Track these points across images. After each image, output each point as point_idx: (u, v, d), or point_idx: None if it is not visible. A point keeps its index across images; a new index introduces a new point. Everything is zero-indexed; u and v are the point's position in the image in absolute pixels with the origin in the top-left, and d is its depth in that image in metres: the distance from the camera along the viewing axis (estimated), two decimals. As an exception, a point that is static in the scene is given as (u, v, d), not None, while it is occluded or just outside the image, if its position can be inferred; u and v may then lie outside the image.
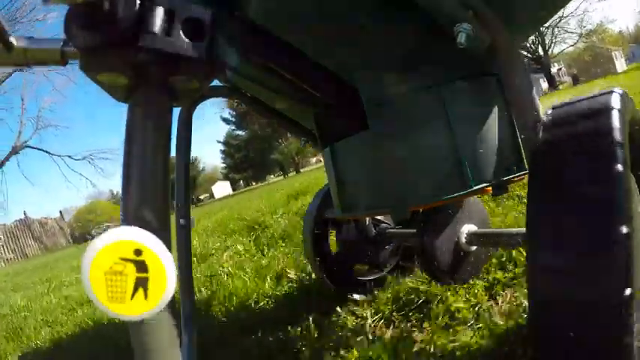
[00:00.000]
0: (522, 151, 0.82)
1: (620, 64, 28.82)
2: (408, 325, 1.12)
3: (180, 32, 0.42)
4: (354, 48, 0.77)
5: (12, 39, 0.48)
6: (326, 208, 1.47)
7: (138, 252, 0.33)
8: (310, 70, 0.78)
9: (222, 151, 41.45)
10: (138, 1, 0.41)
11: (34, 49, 0.50)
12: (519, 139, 0.81)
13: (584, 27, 30.35)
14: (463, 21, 0.61)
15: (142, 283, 0.33)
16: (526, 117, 0.67)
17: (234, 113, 34.83)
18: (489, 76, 0.80)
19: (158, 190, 0.43)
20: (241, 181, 44.28)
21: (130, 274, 0.33)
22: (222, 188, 46.91)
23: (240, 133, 38.09)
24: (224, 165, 43.05)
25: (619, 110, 0.55)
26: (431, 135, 0.78)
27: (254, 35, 0.68)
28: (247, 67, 0.89)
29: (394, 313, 1.20)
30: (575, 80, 27.82)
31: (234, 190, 44.21)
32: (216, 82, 1.08)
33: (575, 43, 31.39)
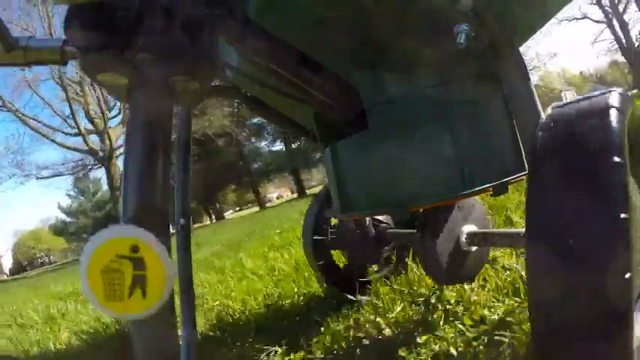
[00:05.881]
0: (522, 151, 0.82)
1: (574, 106, 27.41)
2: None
3: (180, 32, 0.42)
4: (354, 48, 0.77)
5: (12, 39, 0.48)
6: (325, 210, 1.47)
7: (135, 249, 0.33)
8: (310, 70, 0.78)
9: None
10: (137, 1, 0.41)
11: (34, 48, 0.50)
12: (519, 140, 0.81)
13: (529, 64, 24.56)
14: (463, 21, 0.61)
15: (139, 281, 0.33)
16: (526, 117, 0.67)
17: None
18: (489, 76, 0.80)
19: (158, 190, 0.43)
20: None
21: (127, 271, 0.33)
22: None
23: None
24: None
25: (618, 109, 0.55)
26: (431, 135, 0.78)
27: (254, 35, 0.68)
28: (247, 67, 0.89)
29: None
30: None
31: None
32: (216, 82, 1.08)
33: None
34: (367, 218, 1.36)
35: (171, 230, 0.51)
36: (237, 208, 34.39)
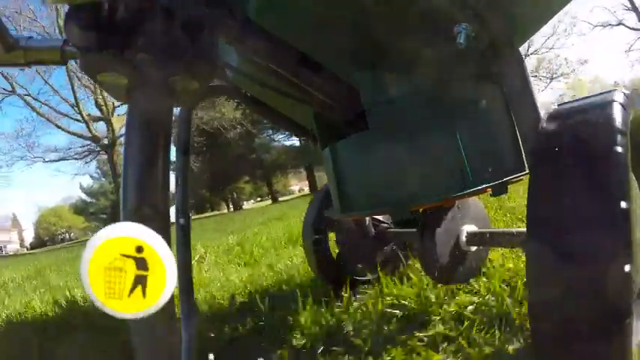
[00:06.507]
0: (522, 151, 0.82)
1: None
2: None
3: (180, 32, 0.42)
4: (354, 48, 0.77)
5: (12, 39, 0.48)
6: (326, 208, 1.47)
7: (139, 249, 0.33)
8: (310, 70, 0.78)
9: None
10: (137, 1, 0.41)
11: (34, 48, 0.50)
12: (519, 139, 0.81)
13: (557, 70, 23.91)
14: (463, 21, 0.61)
15: (140, 281, 0.33)
16: (526, 117, 0.67)
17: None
18: (489, 76, 0.80)
19: (158, 190, 0.43)
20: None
21: (129, 270, 0.33)
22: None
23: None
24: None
25: (621, 109, 0.55)
26: (431, 135, 0.78)
27: (254, 35, 0.68)
28: (247, 67, 0.89)
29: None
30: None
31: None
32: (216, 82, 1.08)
33: (544, 89, 25.24)
34: (367, 218, 1.36)
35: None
36: (259, 199, 34.77)
